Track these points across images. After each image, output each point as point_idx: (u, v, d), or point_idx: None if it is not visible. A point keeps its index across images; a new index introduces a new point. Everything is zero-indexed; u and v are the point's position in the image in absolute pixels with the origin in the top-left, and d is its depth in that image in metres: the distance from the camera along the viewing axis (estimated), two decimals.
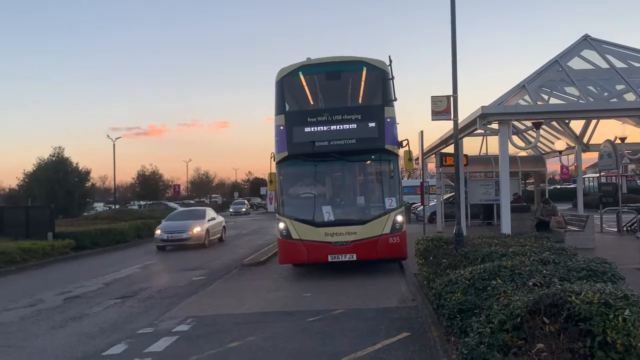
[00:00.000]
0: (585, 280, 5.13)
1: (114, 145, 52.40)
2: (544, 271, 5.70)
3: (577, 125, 19.69)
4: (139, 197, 71.04)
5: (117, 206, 56.23)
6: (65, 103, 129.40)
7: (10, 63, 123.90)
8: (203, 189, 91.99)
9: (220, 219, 23.87)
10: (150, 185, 64.94)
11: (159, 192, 66.89)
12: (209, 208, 25.07)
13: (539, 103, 14.15)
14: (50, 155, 43.19)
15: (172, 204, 53.13)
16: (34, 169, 43.15)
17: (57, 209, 27.94)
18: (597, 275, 5.60)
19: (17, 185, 46.55)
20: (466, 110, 44.96)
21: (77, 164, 44.43)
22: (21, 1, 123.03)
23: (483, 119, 13.08)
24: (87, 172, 45.92)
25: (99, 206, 62.22)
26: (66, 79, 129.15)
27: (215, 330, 7.75)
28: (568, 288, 4.32)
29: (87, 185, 46.40)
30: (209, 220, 21.95)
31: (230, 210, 56.91)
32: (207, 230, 21.29)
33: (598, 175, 24.23)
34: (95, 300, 10.99)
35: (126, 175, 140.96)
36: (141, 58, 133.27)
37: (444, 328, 6.19)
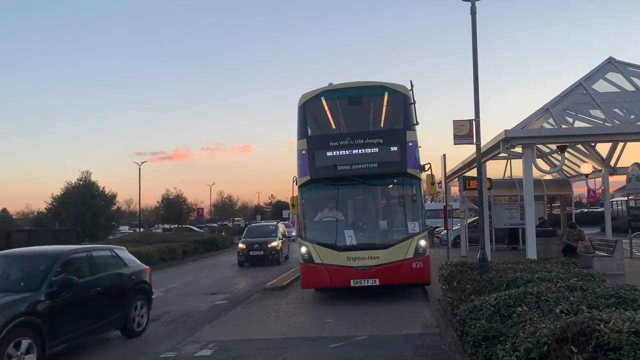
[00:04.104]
0: (614, 308, 4.99)
1: (139, 169, 53.37)
2: (572, 298, 5.56)
3: (603, 148, 19.37)
4: (163, 220, 71.92)
5: (141, 229, 56.92)
6: (92, 128, 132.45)
7: (39, 89, 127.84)
8: (226, 212, 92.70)
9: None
10: (174, 208, 65.69)
11: (183, 215, 67.56)
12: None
13: (563, 126, 14.02)
14: (77, 180, 44.19)
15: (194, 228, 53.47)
16: (62, 193, 44.11)
17: (83, 232, 28.44)
18: (627, 303, 5.43)
19: (46, 208, 47.62)
20: (489, 133, 44.54)
21: (103, 188, 45.38)
22: (45, 28, 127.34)
23: (506, 142, 12.99)
24: (113, 196, 46.81)
25: (124, 229, 63.16)
26: (93, 105, 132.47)
27: (237, 356, 7.73)
28: (597, 316, 4.21)
29: (112, 208, 47.25)
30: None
31: None
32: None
33: (626, 198, 23.70)
34: None
35: (151, 198, 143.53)
36: (165, 83, 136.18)
37: (469, 356, 6.07)
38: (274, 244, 23.14)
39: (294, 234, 40.30)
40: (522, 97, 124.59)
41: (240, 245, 23.56)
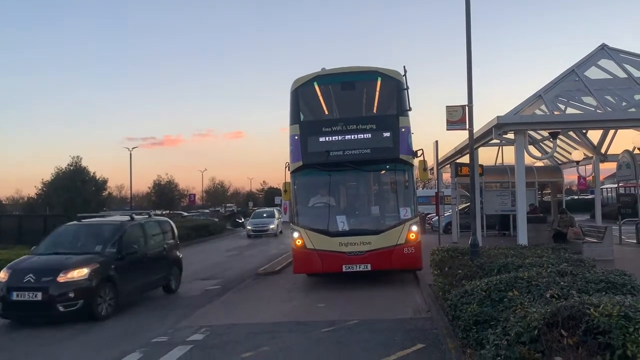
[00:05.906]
0: (604, 293, 5.04)
1: (130, 155, 52.87)
2: (562, 283, 5.61)
3: (594, 135, 19.48)
4: (154, 206, 71.73)
5: None
6: (83, 114, 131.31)
7: (28, 74, 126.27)
8: (218, 198, 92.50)
9: None
10: (166, 194, 65.42)
11: (174, 201, 67.33)
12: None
13: (555, 113, 14.04)
14: (68, 165, 43.89)
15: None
16: (53, 178, 43.80)
17: (74, 217, 28.22)
18: (616, 288, 5.50)
19: (36, 194, 47.38)
20: (481, 120, 44.60)
21: (94, 173, 45.09)
22: (38, 13, 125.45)
23: (499, 128, 13.00)
24: (104, 182, 46.57)
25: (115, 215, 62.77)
26: (83, 90, 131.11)
27: (229, 340, 7.75)
28: (586, 300, 4.25)
29: (103, 194, 47.02)
30: None
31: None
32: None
33: (616, 185, 23.86)
34: None
35: (142, 184, 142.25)
36: (157, 69, 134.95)
37: (460, 340, 6.12)
38: (81, 272, 9.46)
39: (271, 226, 33.30)
40: (515, 83, 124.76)
41: (1, 276, 9.73)
